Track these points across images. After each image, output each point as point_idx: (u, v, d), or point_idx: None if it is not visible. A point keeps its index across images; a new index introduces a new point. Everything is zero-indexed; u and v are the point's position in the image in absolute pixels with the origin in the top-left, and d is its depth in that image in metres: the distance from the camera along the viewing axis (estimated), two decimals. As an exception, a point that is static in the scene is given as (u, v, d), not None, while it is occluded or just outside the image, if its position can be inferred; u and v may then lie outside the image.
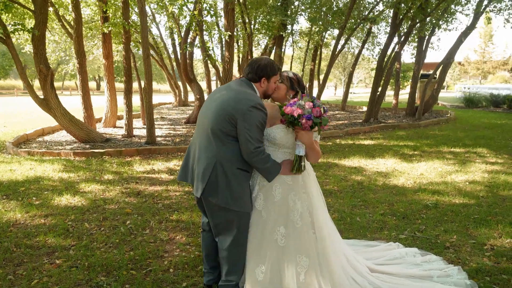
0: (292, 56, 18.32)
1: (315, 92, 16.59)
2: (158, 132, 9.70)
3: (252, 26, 13.39)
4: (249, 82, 2.51)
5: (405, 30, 12.39)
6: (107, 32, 10.11)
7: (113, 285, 2.88)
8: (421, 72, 16.58)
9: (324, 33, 14.93)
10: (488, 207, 4.46)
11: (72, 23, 9.67)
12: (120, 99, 11.73)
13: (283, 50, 15.04)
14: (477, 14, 11.79)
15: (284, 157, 2.58)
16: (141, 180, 5.75)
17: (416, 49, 13.66)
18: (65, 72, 14.49)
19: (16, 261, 3.25)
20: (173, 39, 17.04)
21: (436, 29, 12.83)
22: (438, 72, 13.14)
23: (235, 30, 11.84)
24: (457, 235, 3.71)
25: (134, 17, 12.28)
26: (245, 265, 2.62)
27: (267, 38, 14.83)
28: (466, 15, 12.36)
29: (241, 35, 13.61)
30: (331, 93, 34.44)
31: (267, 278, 2.55)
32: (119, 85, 21.17)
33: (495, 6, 11.67)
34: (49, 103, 7.87)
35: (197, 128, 2.58)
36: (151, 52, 15.18)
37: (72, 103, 17.60)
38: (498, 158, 6.95)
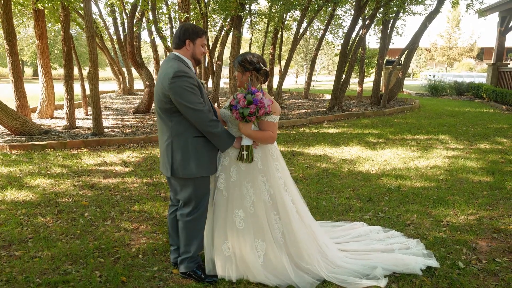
0: (251, 39, 18.75)
1: (276, 80, 17.15)
2: (104, 123, 9.75)
3: (207, 6, 13.64)
4: (174, 55, 2.91)
5: (370, 13, 13.24)
6: (41, 8, 9.96)
7: (82, 272, 3.18)
8: (386, 58, 17.72)
9: (285, 15, 15.51)
10: (447, 189, 5.20)
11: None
12: (57, 87, 11.59)
13: (241, 32, 15.43)
14: (441, -2, 12.87)
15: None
16: (93, 172, 5.94)
17: (381, 33, 14.60)
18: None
19: (-30, 255, 3.43)
20: (114, 18, 16.84)
21: (401, 13, 13.83)
22: (403, 58, 14.18)
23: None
24: (417, 214, 4.36)
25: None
26: (213, 240, 3.07)
27: (223, 18, 15.16)
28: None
29: (194, 15, 13.83)
30: (292, 80, 35.38)
31: (234, 254, 3.00)
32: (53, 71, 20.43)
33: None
34: (-23, 89, 7.73)
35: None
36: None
37: (-6, 91, 16.88)
38: (458, 144, 7.86)
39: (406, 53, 13.62)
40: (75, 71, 11.70)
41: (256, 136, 2.95)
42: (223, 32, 14.06)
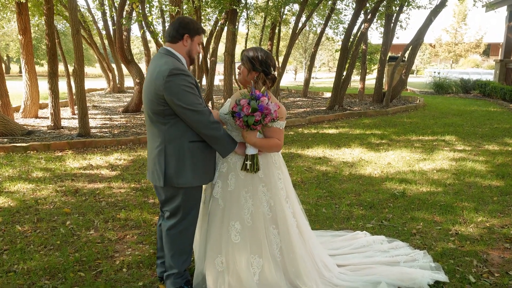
0: (247, 34, 18.61)
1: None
2: (91, 122, 9.61)
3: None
4: (166, 51, 2.73)
5: (372, 6, 13.12)
6: (24, 1, 9.80)
7: (60, 288, 3.04)
8: (389, 54, 17.63)
9: (282, 8, 15.38)
10: (455, 194, 5.08)
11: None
12: (42, 84, 11.43)
13: (236, 27, 15.29)
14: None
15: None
16: (78, 177, 5.80)
17: (384, 27, 14.49)
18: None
19: None
20: (103, 12, 16.66)
21: (405, 6, 13.72)
22: (406, 54, 14.08)
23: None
24: (423, 222, 4.24)
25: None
26: (205, 254, 2.92)
27: (217, 12, 15.03)
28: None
29: (187, 9, 13.68)
30: (291, 77, 35.27)
31: (227, 270, 2.86)
32: (38, 68, 20.23)
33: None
34: (-45, 88, 7.58)
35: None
36: (78, 27, 14.71)
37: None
38: (466, 145, 7.75)
39: (410, 49, 13.52)
40: (61, 67, 11.55)
41: (262, 144, 2.79)
42: (217, 27, 13.90)
